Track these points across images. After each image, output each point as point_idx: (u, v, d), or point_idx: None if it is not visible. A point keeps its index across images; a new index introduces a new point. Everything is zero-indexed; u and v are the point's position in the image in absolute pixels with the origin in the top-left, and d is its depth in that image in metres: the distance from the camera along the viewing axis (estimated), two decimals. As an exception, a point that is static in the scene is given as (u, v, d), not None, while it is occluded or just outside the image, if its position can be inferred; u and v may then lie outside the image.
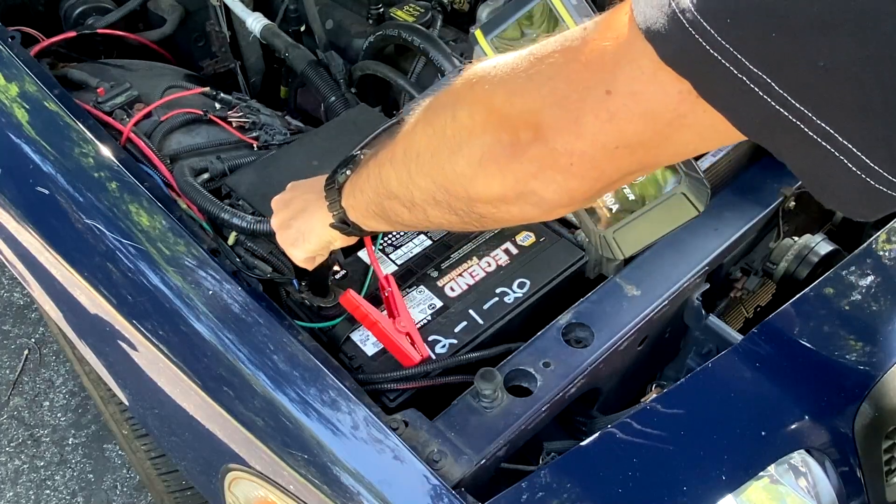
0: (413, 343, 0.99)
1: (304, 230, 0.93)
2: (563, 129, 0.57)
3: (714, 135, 0.53)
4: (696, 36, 0.47)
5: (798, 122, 0.47)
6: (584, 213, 0.87)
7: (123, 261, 1.07)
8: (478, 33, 0.88)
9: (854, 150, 0.47)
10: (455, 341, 1.04)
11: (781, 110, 0.47)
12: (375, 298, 1.08)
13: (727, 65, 0.47)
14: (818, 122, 0.47)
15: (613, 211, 0.85)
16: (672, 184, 0.83)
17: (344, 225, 0.87)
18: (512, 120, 0.61)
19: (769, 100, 0.47)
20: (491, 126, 0.63)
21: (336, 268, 1.09)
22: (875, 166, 0.47)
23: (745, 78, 0.47)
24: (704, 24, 0.47)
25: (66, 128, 1.19)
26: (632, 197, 0.85)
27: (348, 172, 0.85)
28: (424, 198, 0.72)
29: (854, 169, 0.48)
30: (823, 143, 0.47)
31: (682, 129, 0.53)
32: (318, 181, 0.92)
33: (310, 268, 1.00)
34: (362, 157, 0.85)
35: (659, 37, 0.49)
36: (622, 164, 0.58)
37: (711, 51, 0.47)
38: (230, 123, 1.33)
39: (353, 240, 0.92)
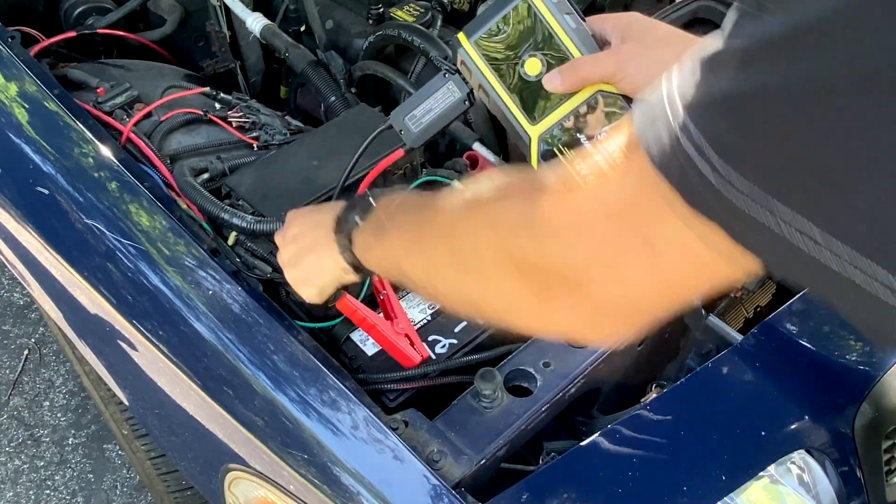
0: (412, 344, 0.99)
1: (314, 270, 0.91)
2: (605, 284, 0.55)
3: (757, 268, 0.49)
4: (718, 188, 0.44)
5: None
6: None
7: (123, 261, 1.07)
8: (461, 36, 0.88)
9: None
10: (455, 341, 1.04)
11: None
12: (373, 300, 1.08)
13: (754, 216, 0.44)
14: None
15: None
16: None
17: (356, 269, 0.85)
18: (544, 273, 0.58)
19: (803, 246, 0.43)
20: (520, 274, 0.60)
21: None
22: None
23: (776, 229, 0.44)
24: (726, 178, 0.44)
25: (66, 128, 1.19)
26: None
27: (358, 221, 0.83)
28: (447, 299, 0.72)
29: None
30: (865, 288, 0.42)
31: (728, 264, 0.50)
32: (325, 217, 0.88)
33: (320, 303, 0.97)
34: (373, 201, 0.83)
35: (682, 186, 0.47)
36: (666, 304, 0.56)
37: (734, 202, 0.44)
38: (230, 123, 1.33)
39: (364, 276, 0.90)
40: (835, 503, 0.97)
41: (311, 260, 0.91)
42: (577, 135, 0.84)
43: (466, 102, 0.93)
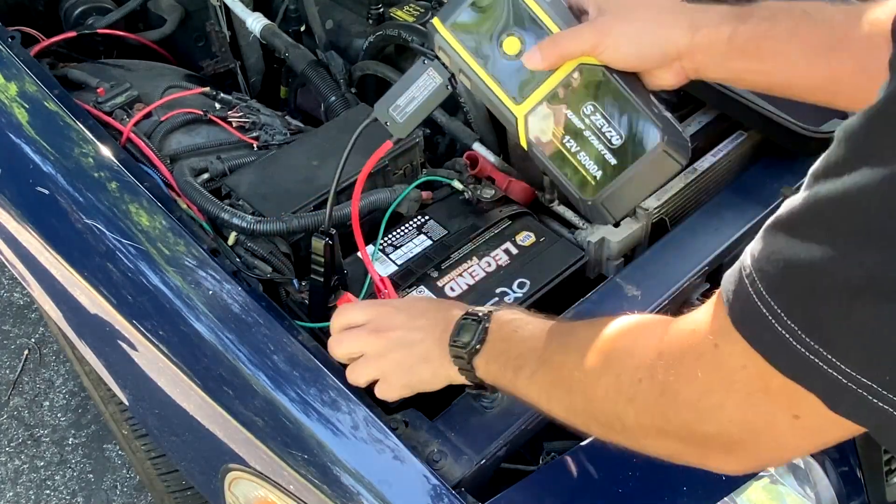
0: None
1: (416, 378, 0.89)
2: (758, 449, 0.58)
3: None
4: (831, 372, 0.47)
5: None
6: (570, 183, 0.86)
7: (123, 261, 1.07)
8: (436, 22, 0.88)
9: None
10: (455, 341, 1.04)
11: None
12: (372, 298, 1.08)
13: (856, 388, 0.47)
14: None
15: (598, 178, 0.85)
16: (652, 142, 0.83)
17: (471, 379, 0.85)
18: (697, 438, 0.60)
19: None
20: (670, 439, 0.62)
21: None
22: None
23: None
24: (843, 365, 0.47)
25: (66, 128, 1.19)
26: (613, 161, 0.84)
27: (478, 347, 0.82)
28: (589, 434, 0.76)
29: None
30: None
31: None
32: (430, 326, 0.87)
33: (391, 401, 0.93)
34: (490, 323, 0.83)
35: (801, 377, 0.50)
36: (811, 451, 0.62)
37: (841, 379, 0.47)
38: (230, 123, 1.33)
39: None
40: (835, 503, 0.97)
41: (417, 368, 0.88)
42: (565, 111, 0.84)
43: (448, 87, 0.92)
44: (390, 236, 1.17)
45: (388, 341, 0.89)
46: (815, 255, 0.46)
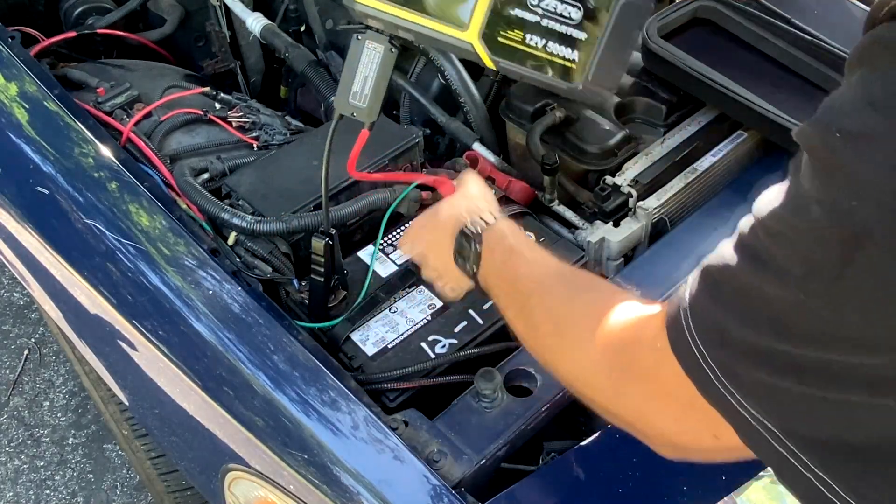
0: None
1: (458, 283, 0.96)
2: (693, 454, 0.66)
3: None
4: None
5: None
6: (553, 79, 0.83)
7: (123, 261, 1.07)
8: None
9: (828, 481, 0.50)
10: (455, 341, 1.04)
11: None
12: (375, 300, 1.09)
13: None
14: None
15: (576, 60, 0.81)
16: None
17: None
18: (640, 430, 0.66)
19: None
20: (619, 420, 0.69)
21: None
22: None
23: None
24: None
25: (66, 128, 1.19)
26: (583, 36, 0.80)
27: (475, 269, 0.88)
28: (534, 350, 0.81)
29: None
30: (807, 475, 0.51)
31: None
32: (443, 239, 0.93)
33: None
34: (482, 247, 0.87)
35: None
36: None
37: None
38: (230, 123, 1.33)
39: None
40: (835, 503, 0.97)
41: (459, 278, 0.94)
42: (512, 11, 0.81)
43: (393, 50, 0.90)
44: (390, 236, 1.17)
45: (426, 264, 0.99)
46: (723, 318, 0.52)
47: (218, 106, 1.36)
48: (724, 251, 0.54)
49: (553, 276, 0.80)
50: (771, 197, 0.51)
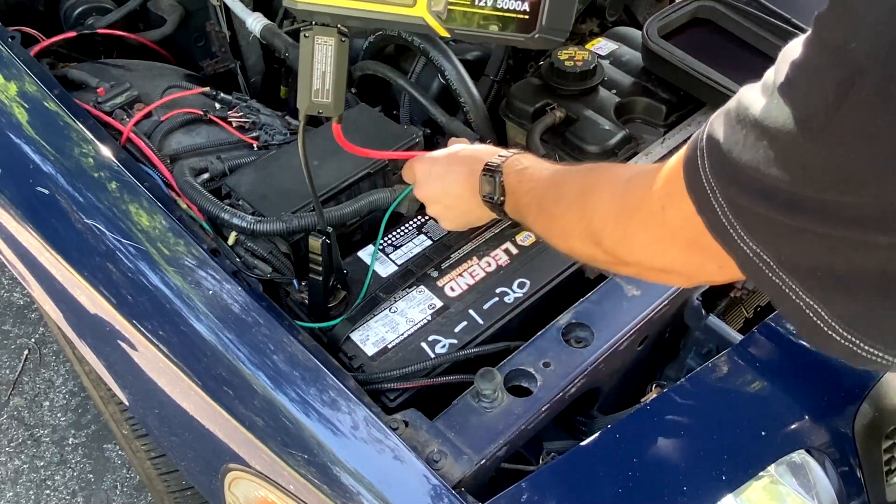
0: None
1: (473, 219, 1.08)
2: (698, 279, 0.79)
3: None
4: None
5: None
6: (509, 34, 0.84)
7: (123, 261, 1.07)
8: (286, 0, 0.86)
9: (818, 309, 0.56)
10: (455, 341, 1.04)
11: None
12: (374, 300, 1.09)
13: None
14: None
15: (527, 9, 0.82)
16: None
17: (506, 220, 1.03)
18: (650, 270, 0.77)
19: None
20: (631, 267, 0.79)
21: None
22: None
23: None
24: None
25: (66, 128, 1.19)
26: None
27: (502, 199, 0.96)
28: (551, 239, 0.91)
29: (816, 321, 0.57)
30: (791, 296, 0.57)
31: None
32: (463, 177, 1.02)
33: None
34: (503, 171, 0.96)
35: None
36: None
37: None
38: (230, 123, 1.33)
39: None
40: (835, 503, 0.97)
41: (462, 214, 1.07)
42: None
43: (343, 39, 0.90)
44: (390, 236, 1.17)
45: (427, 197, 1.08)
46: (742, 156, 0.56)
47: (218, 106, 1.36)
48: (744, 95, 0.58)
49: (570, 170, 0.89)
50: (791, 48, 0.54)
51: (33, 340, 2.34)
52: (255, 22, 1.57)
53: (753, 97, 0.56)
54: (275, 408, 0.93)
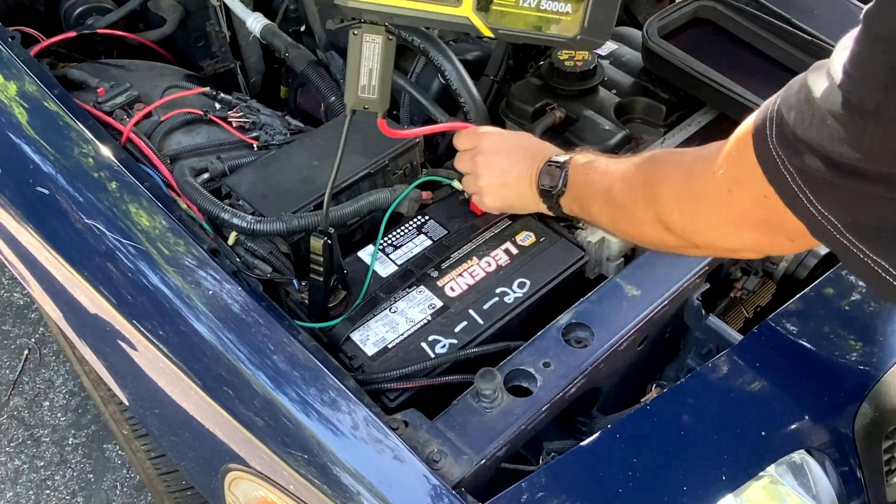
0: None
1: (517, 204, 1.13)
2: (771, 251, 0.96)
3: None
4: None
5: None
6: (552, 35, 0.86)
7: (123, 261, 1.07)
8: None
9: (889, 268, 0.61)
10: (455, 341, 1.04)
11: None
12: (375, 300, 1.09)
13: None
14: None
15: (570, 11, 0.85)
16: None
17: (556, 213, 1.07)
18: (722, 250, 0.89)
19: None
20: (702, 250, 0.88)
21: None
22: None
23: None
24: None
25: (65, 128, 1.19)
26: None
27: (563, 189, 1.02)
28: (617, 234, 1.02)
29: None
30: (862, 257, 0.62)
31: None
32: (528, 157, 1.07)
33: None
34: (569, 166, 1.01)
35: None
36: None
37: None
38: (230, 123, 1.33)
39: None
40: (835, 503, 0.97)
41: (508, 197, 1.11)
42: None
43: (391, 38, 0.93)
44: (390, 236, 1.17)
45: (484, 168, 1.11)
46: (808, 133, 0.60)
47: (218, 106, 1.36)
48: (810, 76, 0.62)
49: (633, 160, 0.92)
50: (846, 39, 0.58)
51: (33, 340, 2.34)
52: (255, 22, 1.57)
53: (818, 80, 0.60)
54: (275, 408, 0.93)
